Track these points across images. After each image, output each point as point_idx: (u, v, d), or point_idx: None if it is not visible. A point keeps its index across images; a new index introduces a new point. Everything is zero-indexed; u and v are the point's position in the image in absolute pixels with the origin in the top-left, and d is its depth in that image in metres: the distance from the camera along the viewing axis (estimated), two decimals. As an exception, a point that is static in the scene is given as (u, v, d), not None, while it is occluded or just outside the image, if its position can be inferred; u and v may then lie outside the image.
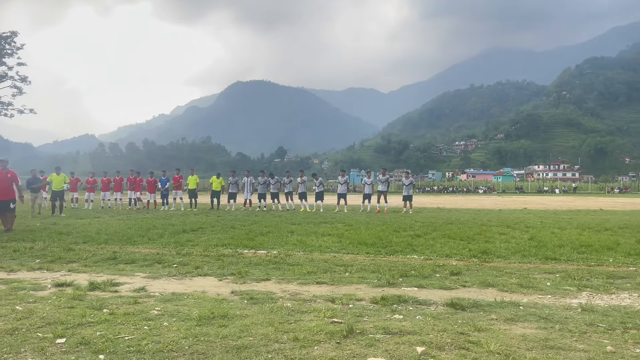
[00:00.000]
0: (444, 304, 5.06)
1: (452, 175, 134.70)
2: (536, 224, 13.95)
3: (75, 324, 4.25)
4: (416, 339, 3.84)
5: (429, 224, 13.99)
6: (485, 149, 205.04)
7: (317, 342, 3.77)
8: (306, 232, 11.94)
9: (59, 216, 17.81)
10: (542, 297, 5.46)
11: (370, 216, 17.56)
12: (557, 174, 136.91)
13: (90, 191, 23.68)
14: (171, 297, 5.36)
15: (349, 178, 50.06)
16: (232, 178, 22.88)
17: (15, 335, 3.95)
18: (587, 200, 35.94)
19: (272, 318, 4.47)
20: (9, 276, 6.65)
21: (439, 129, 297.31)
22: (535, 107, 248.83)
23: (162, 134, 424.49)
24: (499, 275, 6.63)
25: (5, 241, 10.34)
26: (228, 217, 16.76)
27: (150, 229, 12.45)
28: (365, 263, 7.64)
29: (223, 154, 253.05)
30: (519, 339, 3.88)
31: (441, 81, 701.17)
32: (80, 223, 14.67)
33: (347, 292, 5.67)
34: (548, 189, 70.51)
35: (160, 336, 3.91)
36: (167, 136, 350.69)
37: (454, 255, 8.40)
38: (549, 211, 21.20)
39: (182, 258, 8.12)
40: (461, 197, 45.85)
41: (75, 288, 5.80)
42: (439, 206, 25.14)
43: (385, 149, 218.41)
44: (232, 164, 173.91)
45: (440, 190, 72.32)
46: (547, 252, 8.54)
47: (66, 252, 8.78)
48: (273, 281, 6.36)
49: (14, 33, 62.38)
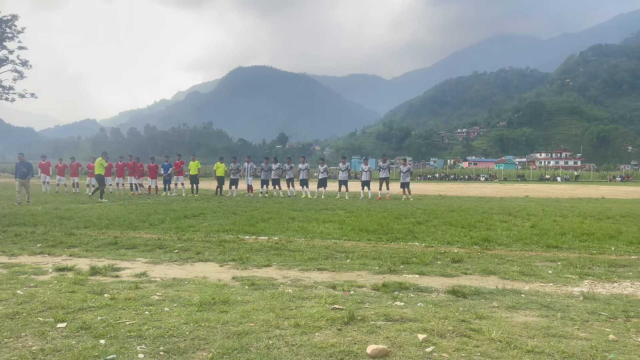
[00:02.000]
0: (445, 291, 5.05)
1: (453, 163, 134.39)
2: (538, 212, 13.91)
3: (76, 308, 4.25)
4: (417, 326, 3.83)
5: (430, 211, 13.97)
6: (488, 136, 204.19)
7: (318, 329, 3.77)
8: (307, 218, 11.93)
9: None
10: (543, 285, 5.44)
11: (372, 203, 17.54)
12: (559, 162, 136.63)
13: (91, 176, 23.65)
14: (172, 283, 5.36)
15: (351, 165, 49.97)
16: (233, 164, 22.83)
17: (15, 319, 3.95)
18: (589, 189, 35.87)
19: (273, 304, 4.47)
20: (10, 260, 6.65)
21: (441, 117, 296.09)
22: (539, 94, 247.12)
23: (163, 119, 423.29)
24: (501, 263, 6.62)
25: (6, 225, 10.35)
26: (229, 203, 16.75)
27: (152, 215, 12.45)
28: (367, 250, 7.63)
29: (224, 139, 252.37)
30: (520, 326, 3.88)
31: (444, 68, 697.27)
32: (81, 208, 14.68)
33: (348, 278, 5.67)
34: (550, 177, 70.32)
35: (161, 321, 3.91)
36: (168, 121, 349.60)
37: (456, 243, 8.38)
38: (551, 199, 21.16)
39: (183, 243, 8.12)
40: (463, 185, 45.77)
41: (76, 273, 5.81)
42: (440, 193, 25.10)
43: (387, 136, 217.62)
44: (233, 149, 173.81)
45: (442, 178, 72.19)
46: (548, 240, 8.52)
47: (67, 236, 8.79)
48: (274, 267, 6.35)
49: (14, 16, 61.87)
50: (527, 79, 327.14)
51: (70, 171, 24.09)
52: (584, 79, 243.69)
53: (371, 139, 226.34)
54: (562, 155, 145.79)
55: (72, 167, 24.14)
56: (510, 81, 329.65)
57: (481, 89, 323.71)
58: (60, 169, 24.06)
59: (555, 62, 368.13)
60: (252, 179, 22.76)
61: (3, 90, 62.72)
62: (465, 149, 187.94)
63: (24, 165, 17.31)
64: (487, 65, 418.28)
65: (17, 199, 16.64)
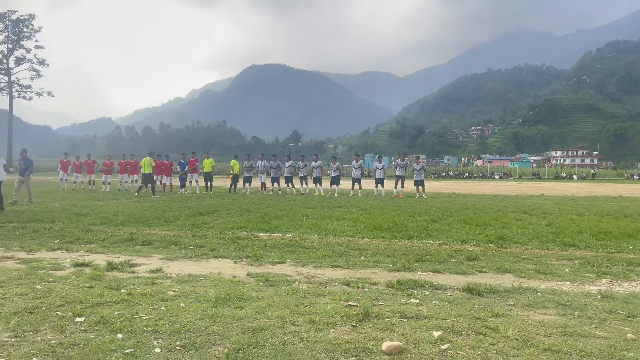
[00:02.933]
0: (460, 289, 5.02)
1: (467, 161, 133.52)
2: (554, 210, 13.76)
3: (94, 303, 4.31)
4: (432, 324, 3.82)
5: (444, 209, 13.89)
6: (502, 134, 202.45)
7: (333, 325, 3.77)
8: (321, 216, 11.94)
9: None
10: (560, 283, 5.39)
11: (385, 201, 17.49)
12: (575, 160, 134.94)
13: (107, 173, 23.92)
14: (187, 279, 5.41)
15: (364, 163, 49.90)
16: (247, 162, 22.92)
17: (35, 313, 4.01)
18: (606, 187, 35.36)
19: (288, 300, 4.48)
20: (29, 256, 6.76)
21: (455, 114, 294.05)
22: (554, 91, 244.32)
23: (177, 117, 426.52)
24: (516, 261, 6.56)
25: (25, 221, 10.51)
26: (243, 201, 16.83)
27: (167, 211, 12.56)
28: (381, 247, 7.62)
29: (238, 137, 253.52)
30: (537, 325, 3.84)
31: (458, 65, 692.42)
32: (97, 205, 14.85)
33: (363, 275, 5.66)
34: (566, 175, 69.48)
35: (177, 317, 3.95)
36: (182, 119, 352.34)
37: (470, 241, 8.33)
38: (567, 197, 20.91)
39: (198, 240, 8.18)
40: (477, 183, 45.44)
41: (93, 268, 5.88)
42: (455, 191, 24.95)
43: (400, 134, 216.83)
44: (247, 147, 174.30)
45: (456, 176, 71.74)
46: (565, 239, 8.42)
47: (84, 233, 8.90)
48: (288, 264, 6.37)
49: (31, 16, 63.01)
50: (542, 76, 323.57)
51: (86, 169, 24.38)
52: (600, 76, 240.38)
53: (384, 136, 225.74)
54: (578, 153, 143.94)
55: (88, 165, 24.42)
56: (525, 78, 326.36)
57: (496, 86, 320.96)
58: (77, 167, 24.36)
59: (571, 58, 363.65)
60: (266, 176, 22.85)
61: (21, 89, 63.84)
62: (480, 146, 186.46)
63: (24, 162, 16.47)
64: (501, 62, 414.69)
65: (14, 197, 15.39)
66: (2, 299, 4.42)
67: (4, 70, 62.22)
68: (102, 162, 24.96)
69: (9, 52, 62.19)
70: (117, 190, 22.68)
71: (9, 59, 62.35)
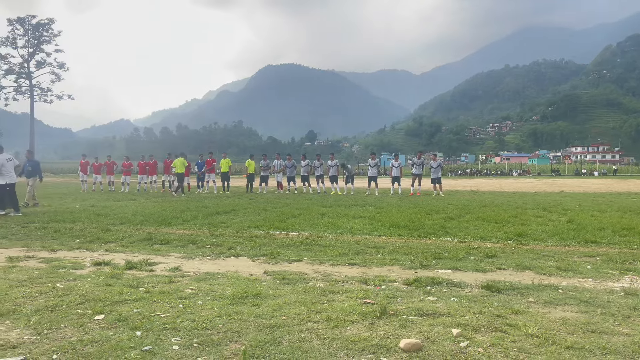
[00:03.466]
0: (479, 286, 4.96)
1: (485, 158, 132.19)
2: (574, 207, 13.53)
3: (113, 301, 4.35)
4: (451, 321, 3.77)
5: (462, 206, 13.76)
6: (520, 131, 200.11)
7: (350, 323, 3.75)
8: (337, 214, 11.92)
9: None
10: (582, 280, 5.29)
11: (402, 199, 17.39)
12: (596, 156, 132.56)
13: (126, 174, 24.20)
14: (205, 277, 5.43)
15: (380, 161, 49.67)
16: (263, 161, 22.99)
17: (55, 311, 4.07)
18: (628, 183, 34.69)
19: (305, 298, 4.47)
20: (50, 255, 6.86)
21: (472, 111, 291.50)
22: (574, 87, 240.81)
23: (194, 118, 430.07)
24: (536, 258, 6.46)
25: (46, 222, 10.68)
26: (260, 200, 16.88)
27: (184, 211, 12.66)
28: (397, 245, 7.57)
29: (254, 137, 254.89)
30: (558, 322, 3.77)
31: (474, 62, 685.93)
32: (117, 205, 15.03)
33: (380, 273, 5.63)
34: (586, 172, 68.40)
35: (194, 314, 3.96)
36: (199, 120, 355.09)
37: (489, 238, 8.23)
38: (588, 194, 20.56)
39: (215, 239, 8.22)
40: (495, 180, 44.94)
41: (112, 267, 5.95)
42: (472, 189, 24.71)
43: (417, 132, 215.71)
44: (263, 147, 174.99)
45: (473, 173, 71.10)
46: (586, 235, 8.27)
47: (104, 232, 9.02)
48: (305, 262, 6.36)
49: (51, 20, 63.96)
50: (561, 71, 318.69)
51: (106, 169, 24.70)
52: (621, 70, 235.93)
53: (400, 135, 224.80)
54: (599, 149, 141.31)
55: (107, 166, 24.74)
56: (544, 74, 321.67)
57: (513, 83, 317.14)
58: (96, 168, 24.70)
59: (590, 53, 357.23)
60: (282, 175, 22.91)
61: (42, 92, 64.90)
62: (497, 143, 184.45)
63: (30, 164, 15.75)
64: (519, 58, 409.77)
65: (25, 200, 14.82)
66: (24, 298, 4.49)
67: (25, 74, 63.28)
68: (120, 164, 25.26)
69: (29, 56, 63.26)
70: (136, 191, 22.93)
71: (30, 62, 63.42)
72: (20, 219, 11.52)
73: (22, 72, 63.09)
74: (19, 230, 9.36)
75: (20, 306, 4.19)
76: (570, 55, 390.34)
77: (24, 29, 62.40)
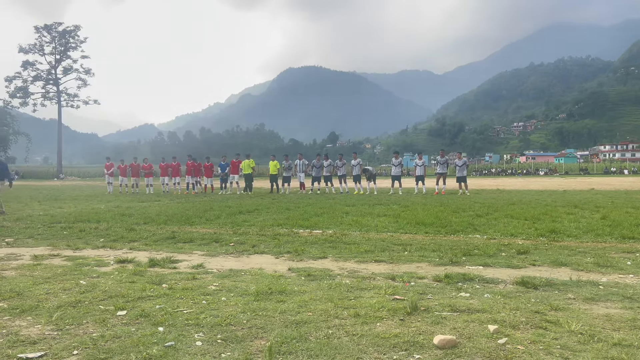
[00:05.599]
0: (513, 282, 4.74)
1: (510, 158, 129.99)
2: (607, 204, 13.07)
3: (136, 297, 4.27)
4: (486, 317, 3.57)
5: (489, 204, 13.42)
6: (546, 129, 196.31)
7: (380, 319, 3.58)
8: (361, 213, 11.73)
9: None
10: (623, 276, 5.01)
11: (427, 198, 17.10)
12: (626, 154, 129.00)
13: (148, 176, 24.38)
14: (229, 274, 5.33)
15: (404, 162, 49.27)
16: (285, 162, 22.92)
17: (78, 307, 4.00)
18: (661, 181, 33.62)
19: (331, 294, 4.32)
20: (74, 253, 6.85)
21: (496, 111, 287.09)
22: (601, 84, 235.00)
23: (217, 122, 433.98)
24: (572, 255, 6.18)
25: (72, 221, 10.76)
26: (283, 200, 16.80)
27: (208, 211, 12.63)
28: (425, 242, 7.35)
29: (276, 140, 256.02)
30: (602, 319, 3.54)
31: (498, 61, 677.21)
32: (141, 206, 15.12)
33: (408, 270, 5.44)
34: (616, 170, 66.61)
35: (218, 310, 3.85)
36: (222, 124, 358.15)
37: (520, 235, 7.94)
38: (620, 191, 19.90)
39: (238, 237, 8.13)
40: (521, 179, 44.05)
41: (136, 264, 5.89)
42: (499, 187, 24.20)
43: (440, 132, 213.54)
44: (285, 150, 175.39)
45: (499, 173, 69.93)
46: (623, 231, 7.91)
47: (128, 231, 9.01)
48: (330, 259, 6.21)
49: (77, 27, 65.36)
50: (587, 69, 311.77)
51: (131, 171, 24.96)
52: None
53: (423, 135, 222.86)
54: (629, 147, 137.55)
55: (133, 168, 24.99)
56: (570, 71, 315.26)
57: (538, 81, 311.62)
58: (122, 170, 24.97)
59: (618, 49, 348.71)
60: (304, 175, 22.79)
61: (69, 98, 66.30)
62: (522, 143, 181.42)
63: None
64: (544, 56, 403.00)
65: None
66: (47, 294, 4.44)
67: (53, 80, 64.73)
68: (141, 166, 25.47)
69: (56, 63, 64.67)
70: (162, 192, 23.08)
71: (57, 69, 64.83)
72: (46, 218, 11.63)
73: (49, 78, 64.55)
74: (45, 230, 9.43)
75: (43, 302, 4.14)
76: (597, 52, 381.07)
77: (50, 36, 63.87)
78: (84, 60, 66.52)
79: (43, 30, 63.61)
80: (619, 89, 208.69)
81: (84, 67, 66.12)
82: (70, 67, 65.42)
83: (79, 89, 66.26)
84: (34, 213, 12.95)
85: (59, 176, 61.63)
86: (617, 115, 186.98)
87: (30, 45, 63.53)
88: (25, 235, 8.83)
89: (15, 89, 63.33)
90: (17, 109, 66.30)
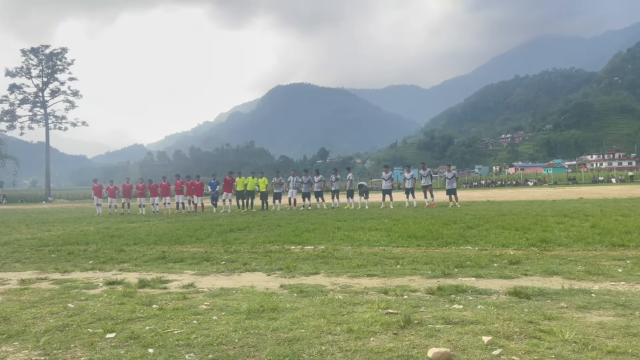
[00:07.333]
0: (506, 292, 4.73)
1: (499, 169, 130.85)
2: (596, 213, 13.16)
3: (125, 319, 4.20)
4: (480, 329, 3.55)
5: (480, 216, 13.46)
6: (533, 140, 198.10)
7: (373, 333, 3.55)
8: (353, 227, 11.71)
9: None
10: (614, 284, 5.02)
11: (417, 211, 17.12)
12: (612, 163, 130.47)
13: (141, 196, 24.22)
14: (220, 292, 5.27)
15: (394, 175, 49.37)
16: (276, 179, 22.88)
17: (65, 331, 3.92)
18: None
19: (324, 310, 4.28)
20: (62, 277, 6.75)
21: (484, 123, 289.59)
22: (585, 95, 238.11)
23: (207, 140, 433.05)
24: (563, 263, 6.19)
25: (60, 244, 10.62)
26: (274, 217, 16.73)
27: (198, 230, 12.53)
28: (417, 255, 7.34)
29: (267, 157, 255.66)
30: (596, 327, 3.53)
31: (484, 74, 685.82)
32: (130, 227, 14.98)
33: (400, 283, 5.41)
34: (603, 179, 67.30)
35: (209, 330, 3.79)
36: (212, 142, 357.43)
37: (511, 245, 7.95)
38: (608, 200, 20.08)
39: (230, 255, 8.06)
40: (510, 190, 44.31)
41: (125, 286, 5.81)
42: (489, 199, 24.31)
43: (429, 145, 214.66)
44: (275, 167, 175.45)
45: (488, 184, 70.33)
46: (613, 239, 7.96)
47: (117, 253, 8.91)
48: (322, 275, 6.17)
49: (64, 49, 65.35)
50: (572, 80, 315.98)
51: (123, 192, 24.78)
52: (633, 76, 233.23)
53: (412, 149, 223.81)
54: (615, 156, 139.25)
55: (124, 188, 24.82)
56: (555, 83, 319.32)
57: (524, 93, 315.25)
58: (111, 191, 24.78)
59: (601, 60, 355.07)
60: (296, 192, 22.74)
61: (56, 120, 65.99)
62: (511, 154, 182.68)
63: None
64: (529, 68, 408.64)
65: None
66: (34, 318, 4.36)
67: (40, 103, 64.47)
68: (135, 186, 25.31)
69: (44, 85, 64.48)
70: (152, 213, 22.89)
71: (44, 91, 64.61)
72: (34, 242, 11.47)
73: (36, 101, 64.30)
74: (32, 254, 9.29)
75: (30, 327, 4.06)
76: (581, 64, 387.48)
77: (37, 59, 63.78)
78: (71, 82, 66.39)
79: (30, 53, 63.54)
80: (604, 99, 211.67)
81: (71, 89, 66.01)
82: (58, 89, 65.27)
83: (67, 111, 66.11)
84: (22, 237, 12.77)
85: (47, 199, 61.04)
86: (603, 125, 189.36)
87: (17, 68, 63.40)
88: (13, 259, 8.69)
89: (2, 113, 63.02)
90: (4, 132, 65.95)
